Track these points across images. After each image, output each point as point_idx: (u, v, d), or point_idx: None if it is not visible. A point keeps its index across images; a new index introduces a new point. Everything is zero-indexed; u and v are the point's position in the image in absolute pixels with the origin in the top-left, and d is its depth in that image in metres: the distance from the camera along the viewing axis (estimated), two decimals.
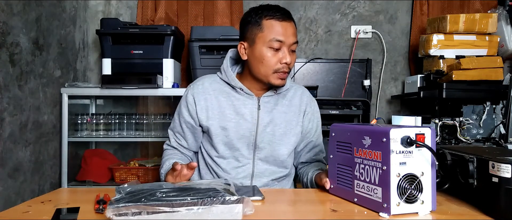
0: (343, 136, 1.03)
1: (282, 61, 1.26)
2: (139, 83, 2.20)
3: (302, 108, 1.41)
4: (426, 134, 0.88)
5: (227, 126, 1.32)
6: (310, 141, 1.44)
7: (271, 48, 1.26)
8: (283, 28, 1.26)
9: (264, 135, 1.34)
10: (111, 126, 2.39)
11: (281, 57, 1.26)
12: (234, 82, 1.34)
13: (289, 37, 1.26)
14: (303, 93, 1.45)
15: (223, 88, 1.36)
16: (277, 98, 1.37)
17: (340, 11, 2.68)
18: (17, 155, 1.91)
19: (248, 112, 1.33)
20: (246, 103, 1.34)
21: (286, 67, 1.27)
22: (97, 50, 2.65)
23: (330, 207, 0.98)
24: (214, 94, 1.35)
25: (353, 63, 2.53)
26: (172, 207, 0.76)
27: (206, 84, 1.37)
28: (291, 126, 1.37)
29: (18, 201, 1.89)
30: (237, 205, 0.80)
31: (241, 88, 1.34)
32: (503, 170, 0.84)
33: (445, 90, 2.09)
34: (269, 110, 1.35)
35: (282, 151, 1.36)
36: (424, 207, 0.89)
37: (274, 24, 1.26)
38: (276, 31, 1.25)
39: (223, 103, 1.34)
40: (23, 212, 0.90)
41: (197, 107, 1.34)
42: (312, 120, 1.44)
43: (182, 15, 2.60)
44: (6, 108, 1.82)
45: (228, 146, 1.34)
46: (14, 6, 1.84)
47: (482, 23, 2.18)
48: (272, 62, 1.27)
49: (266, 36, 1.26)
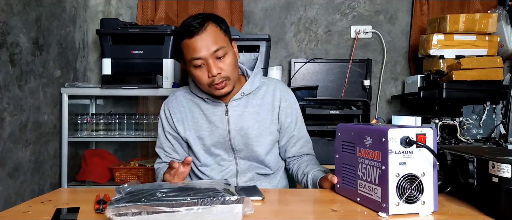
0: (347, 136, 1.03)
1: (209, 76, 1.24)
2: (139, 83, 2.20)
3: (276, 104, 1.38)
4: (427, 134, 0.88)
5: (202, 135, 1.36)
6: (292, 135, 1.41)
7: (196, 67, 1.25)
8: (197, 44, 1.21)
9: (238, 139, 1.35)
10: (111, 126, 2.39)
11: (207, 71, 1.24)
12: (199, 93, 1.36)
13: (205, 50, 1.21)
14: (276, 87, 1.40)
15: (193, 99, 1.39)
16: (247, 99, 1.36)
17: (340, 11, 2.67)
18: (17, 155, 1.91)
19: (218, 119, 1.35)
20: (215, 111, 1.35)
21: (218, 79, 1.24)
22: (97, 50, 2.65)
23: (330, 207, 0.98)
24: (188, 106, 1.38)
25: (353, 63, 2.54)
26: (172, 207, 0.76)
27: (179, 98, 1.41)
28: (265, 125, 1.36)
29: (18, 201, 1.89)
30: (237, 205, 0.80)
31: (207, 98, 1.35)
32: (503, 170, 0.84)
33: (445, 90, 2.09)
34: (239, 114, 1.35)
35: (259, 151, 1.36)
36: (425, 208, 0.88)
37: (188, 43, 1.23)
38: (191, 50, 1.23)
39: (196, 114, 1.37)
40: (23, 212, 0.90)
41: (174, 120, 1.39)
42: (290, 114, 1.40)
43: (182, 15, 2.60)
44: (6, 108, 1.82)
45: (208, 153, 1.38)
46: (14, 6, 1.84)
47: (482, 23, 2.18)
48: (204, 79, 1.25)
49: (186, 58, 1.26)
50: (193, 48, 1.22)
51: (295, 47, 2.68)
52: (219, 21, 1.27)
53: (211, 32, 1.23)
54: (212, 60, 1.22)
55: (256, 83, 1.37)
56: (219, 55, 1.23)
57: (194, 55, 1.22)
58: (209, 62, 1.22)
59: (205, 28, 1.22)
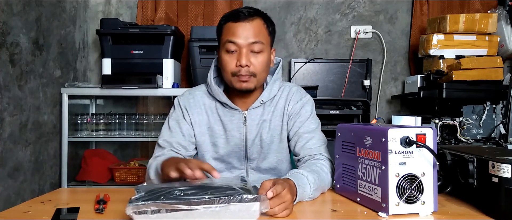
0: (347, 136, 1.03)
1: (237, 64, 1.18)
2: (139, 83, 2.20)
3: (286, 109, 1.31)
4: (427, 134, 0.88)
5: (217, 142, 1.29)
6: (297, 133, 1.29)
7: (228, 52, 1.20)
8: (238, 29, 1.18)
9: (253, 148, 1.30)
10: (111, 126, 2.39)
11: (237, 60, 1.18)
12: (219, 96, 1.28)
13: (244, 38, 1.17)
14: (290, 92, 1.32)
15: (210, 103, 1.31)
16: (264, 107, 1.30)
17: (340, 11, 2.67)
18: (17, 155, 1.91)
19: (235, 127, 1.28)
20: (233, 119, 1.28)
21: (244, 71, 1.18)
22: (97, 50, 2.65)
23: (330, 207, 0.98)
24: (204, 109, 1.30)
25: (353, 63, 2.53)
26: (190, 205, 0.77)
27: (197, 98, 1.32)
28: (276, 132, 1.30)
29: (18, 201, 1.89)
30: (255, 203, 0.80)
31: (225, 103, 1.27)
32: (503, 170, 0.84)
33: (445, 90, 2.09)
34: (257, 123, 1.29)
35: (271, 159, 1.31)
36: (425, 208, 0.88)
37: (231, 26, 1.19)
38: (230, 33, 1.18)
39: (212, 119, 1.30)
40: (23, 212, 0.90)
41: (191, 119, 1.30)
42: (300, 114, 1.30)
43: (182, 15, 2.60)
44: (6, 108, 1.82)
45: (220, 160, 1.31)
46: (14, 6, 1.84)
47: (482, 23, 2.18)
48: (230, 66, 1.19)
49: (222, 39, 1.22)
50: (233, 32, 1.18)
51: (295, 47, 2.68)
52: (268, 21, 1.25)
53: (256, 25, 1.20)
54: (246, 50, 1.18)
55: (274, 90, 1.30)
56: (255, 49, 1.19)
57: (231, 38, 1.18)
58: (242, 51, 1.18)
59: (253, 19, 1.20)
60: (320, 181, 1.07)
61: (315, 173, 1.08)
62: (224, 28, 1.22)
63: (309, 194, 1.02)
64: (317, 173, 1.09)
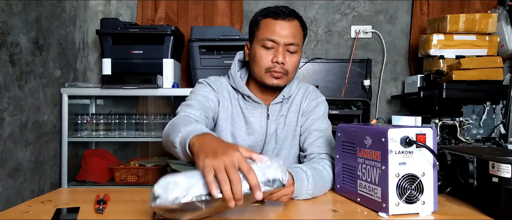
0: (347, 136, 1.03)
1: (273, 60, 1.21)
2: (139, 83, 2.20)
3: (302, 106, 1.35)
4: (427, 134, 0.88)
5: (236, 133, 1.30)
6: (307, 129, 1.32)
7: (264, 47, 1.23)
8: (278, 27, 1.21)
9: (270, 144, 1.32)
10: (111, 126, 2.39)
11: (273, 56, 1.22)
12: (242, 89, 1.30)
13: (283, 37, 1.21)
14: (306, 91, 1.37)
15: (234, 93, 1.33)
16: (282, 104, 1.34)
17: (340, 11, 2.68)
18: (17, 155, 1.91)
19: (257, 121, 1.30)
20: (254, 113, 1.31)
21: (279, 67, 1.22)
22: (97, 50, 2.65)
23: (330, 207, 0.98)
24: (228, 97, 1.32)
25: (353, 63, 2.53)
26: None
27: (224, 84, 1.33)
28: (291, 128, 1.33)
29: (18, 201, 1.89)
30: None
31: (249, 96, 1.30)
32: (503, 170, 0.84)
33: (445, 90, 2.09)
34: (275, 118, 1.32)
35: (283, 154, 1.33)
36: (426, 208, 0.88)
37: (270, 23, 1.23)
38: (270, 30, 1.22)
39: (235, 109, 1.31)
40: (23, 212, 0.90)
41: (220, 100, 1.30)
42: (314, 112, 1.33)
43: (182, 15, 2.60)
44: (6, 108, 1.82)
45: None
46: (14, 6, 1.84)
47: (482, 23, 2.18)
48: (264, 61, 1.22)
49: (260, 34, 1.24)
50: (273, 29, 1.21)
51: None
52: (304, 24, 1.29)
53: (295, 26, 1.24)
54: (283, 48, 1.22)
55: (294, 88, 1.35)
56: (291, 50, 1.23)
57: (271, 36, 1.21)
58: (280, 49, 1.21)
59: (293, 20, 1.24)
60: (320, 178, 1.07)
61: (315, 170, 1.08)
62: (261, 23, 1.24)
63: (307, 189, 1.02)
64: (318, 171, 1.09)
